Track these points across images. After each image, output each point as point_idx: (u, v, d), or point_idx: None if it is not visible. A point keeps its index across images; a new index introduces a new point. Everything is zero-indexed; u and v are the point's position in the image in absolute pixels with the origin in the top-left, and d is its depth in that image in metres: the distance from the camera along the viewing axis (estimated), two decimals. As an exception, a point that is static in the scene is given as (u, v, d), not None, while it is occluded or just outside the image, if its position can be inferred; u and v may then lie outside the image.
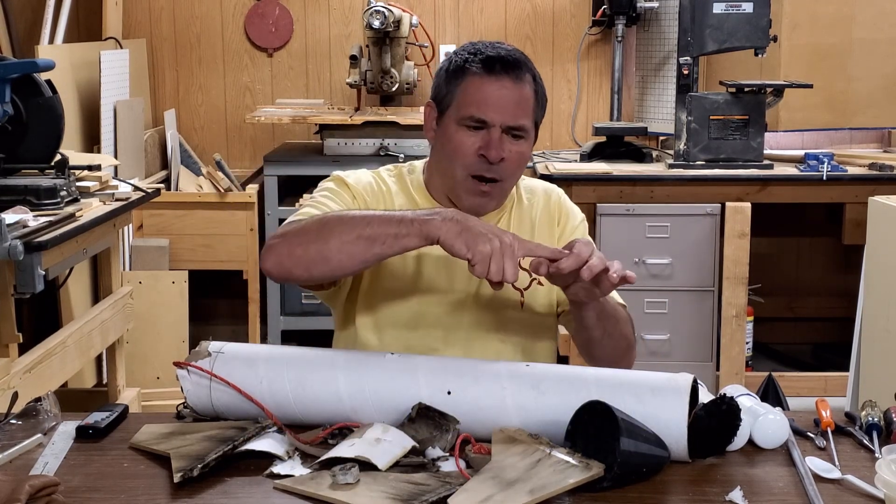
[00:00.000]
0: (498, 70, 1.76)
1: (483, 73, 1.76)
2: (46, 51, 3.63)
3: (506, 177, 1.78)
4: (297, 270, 1.61)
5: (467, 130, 1.75)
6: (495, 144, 1.74)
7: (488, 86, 1.75)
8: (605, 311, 1.73)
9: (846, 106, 4.19)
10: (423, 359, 1.52)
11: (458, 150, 1.76)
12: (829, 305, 4.53)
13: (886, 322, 2.86)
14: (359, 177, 1.86)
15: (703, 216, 3.79)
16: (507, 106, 1.75)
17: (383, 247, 1.58)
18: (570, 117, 4.57)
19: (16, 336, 2.50)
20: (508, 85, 1.76)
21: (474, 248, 1.52)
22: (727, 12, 3.77)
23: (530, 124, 1.79)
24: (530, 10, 4.53)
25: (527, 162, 1.83)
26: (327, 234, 1.60)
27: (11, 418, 1.53)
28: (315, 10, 4.54)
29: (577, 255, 1.55)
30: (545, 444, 1.36)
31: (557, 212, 1.92)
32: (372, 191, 1.84)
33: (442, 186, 1.83)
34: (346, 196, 1.82)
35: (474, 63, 1.77)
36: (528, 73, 1.79)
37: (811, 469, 1.37)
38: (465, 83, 1.77)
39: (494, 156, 1.74)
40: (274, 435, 1.44)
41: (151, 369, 3.90)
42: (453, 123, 1.77)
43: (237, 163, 4.57)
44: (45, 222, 2.51)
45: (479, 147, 1.75)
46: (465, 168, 1.76)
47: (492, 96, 1.75)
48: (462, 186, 1.78)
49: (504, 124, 1.75)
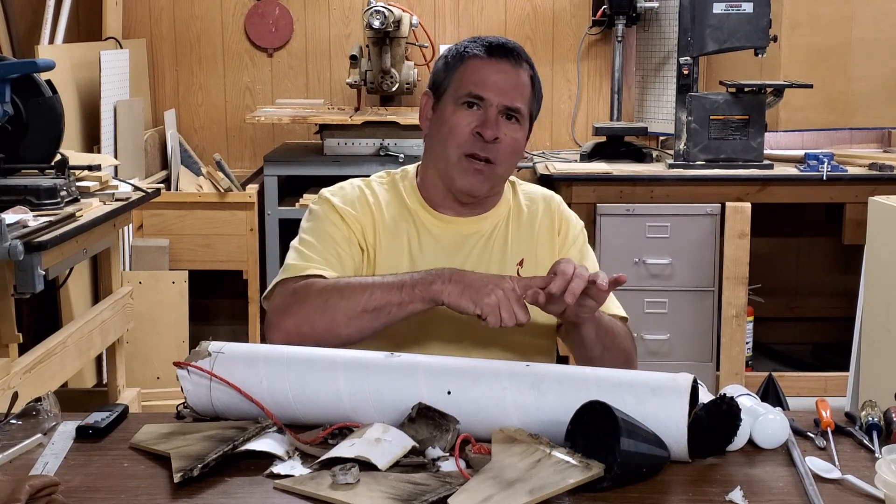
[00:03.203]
0: (498, 54, 1.82)
1: (484, 56, 1.82)
2: (46, 51, 3.63)
3: (500, 160, 1.80)
4: (308, 343, 1.62)
5: (464, 110, 1.79)
6: (491, 123, 1.78)
7: (488, 66, 1.81)
8: (602, 327, 1.75)
9: (846, 106, 4.19)
10: (423, 359, 1.52)
11: (454, 129, 1.79)
12: (829, 305, 4.53)
13: (886, 322, 2.86)
14: (346, 194, 1.88)
15: (703, 216, 3.79)
16: (505, 87, 1.80)
17: (389, 316, 1.66)
18: (570, 117, 4.57)
19: (16, 336, 2.50)
20: (507, 68, 1.81)
21: (481, 303, 1.60)
22: (727, 12, 3.77)
23: (526, 110, 1.83)
24: (530, 10, 4.53)
25: (521, 152, 1.86)
26: (332, 310, 1.65)
27: (11, 418, 1.53)
28: (315, 10, 4.54)
29: (563, 274, 1.59)
30: (545, 444, 1.36)
31: (558, 221, 1.93)
32: (360, 205, 1.85)
33: (435, 178, 1.85)
34: (336, 222, 1.82)
35: (475, 48, 1.83)
36: (525, 62, 1.85)
37: (811, 469, 1.37)
38: (464, 66, 1.82)
39: (490, 134, 1.77)
40: (274, 435, 1.44)
41: (151, 369, 3.90)
42: (451, 104, 1.81)
43: (237, 163, 4.57)
44: (45, 222, 2.51)
45: (475, 126, 1.78)
46: (459, 147, 1.79)
47: (491, 77, 1.80)
48: (456, 167, 1.80)
49: (501, 104, 1.79)
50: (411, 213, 1.86)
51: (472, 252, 1.84)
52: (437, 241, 1.85)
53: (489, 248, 1.86)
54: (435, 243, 1.85)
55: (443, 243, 1.85)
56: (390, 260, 1.82)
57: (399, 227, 1.85)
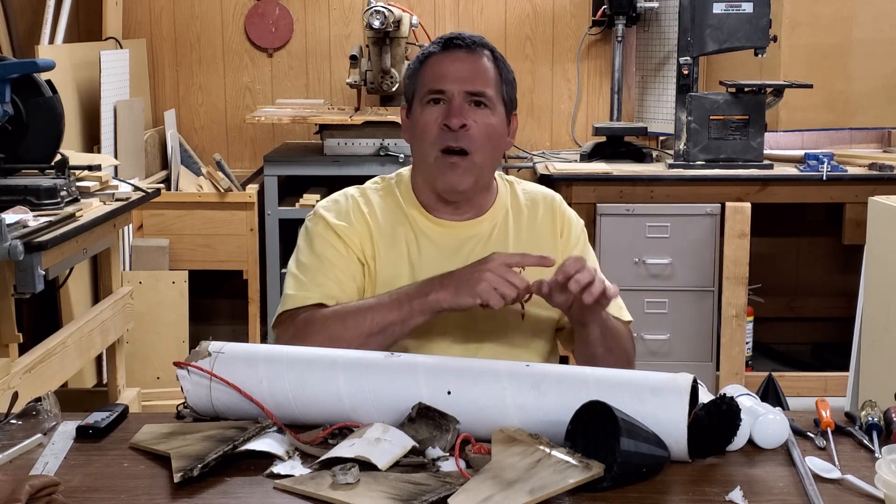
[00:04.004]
0: (452, 46, 1.83)
1: (439, 52, 1.83)
2: (46, 51, 3.63)
3: (474, 149, 1.78)
4: None
5: (430, 107, 1.80)
6: (455, 112, 1.77)
7: (444, 60, 1.82)
8: (607, 327, 1.76)
9: (846, 106, 4.19)
10: (423, 359, 1.52)
11: (424, 128, 1.80)
12: (829, 305, 4.53)
13: (886, 322, 2.86)
14: (340, 208, 1.87)
15: (703, 216, 3.79)
16: (463, 74, 1.80)
17: (394, 335, 1.70)
18: (570, 117, 4.57)
19: (16, 336, 2.50)
20: (462, 56, 1.82)
21: (475, 291, 1.63)
22: (727, 12, 3.77)
23: (494, 94, 1.81)
24: (530, 10, 4.53)
25: (500, 139, 1.83)
26: (338, 341, 1.66)
27: (11, 418, 1.53)
28: (315, 10, 4.54)
29: (564, 271, 1.62)
30: (545, 444, 1.36)
31: (560, 222, 1.92)
32: (356, 217, 1.84)
33: (423, 183, 1.86)
34: (332, 242, 1.82)
35: (432, 47, 1.85)
36: (484, 49, 1.84)
37: (811, 469, 1.37)
38: (423, 66, 1.84)
39: (455, 122, 1.76)
40: (274, 435, 1.44)
41: (151, 369, 3.90)
42: (419, 106, 1.82)
43: (237, 163, 4.57)
44: (45, 222, 2.51)
45: (441, 119, 1.78)
46: (432, 145, 1.79)
47: (448, 68, 1.81)
48: (434, 168, 1.80)
49: (461, 91, 1.79)
50: (408, 218, 1.86)
51: (472, 255, 1.83)
52: (436, 246, 1.84)
53: (489, 250, 1.85)
54: (434, 248, 1.84)
55: (441, 248, 1.84)
56: (390, 269, 1.82)
57: (397, 233, 1.85)
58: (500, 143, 1.84)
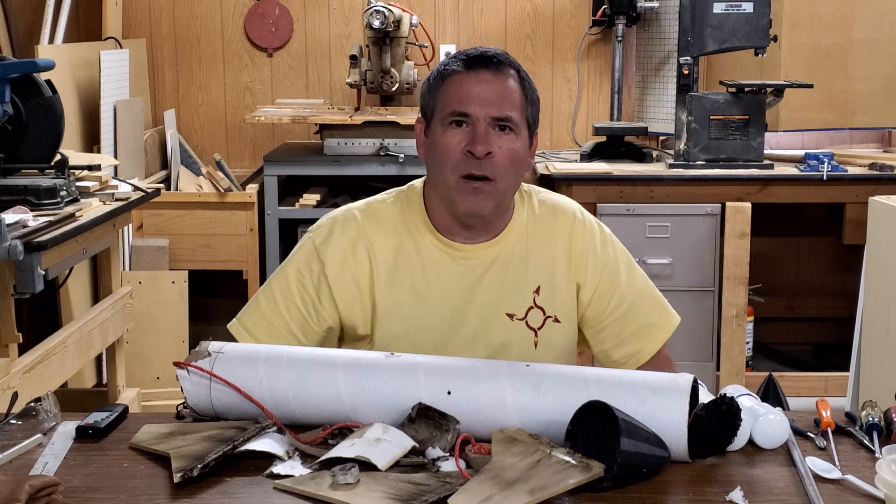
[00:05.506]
0: (478, 65, 1.73)
1: (463, 71, 1.73)
2: (46, 51, 3.63)
3: (497, 175, 1.70)
4: None
5: (452, 129, 1.71)
6: (480, 138, 1.69)
7: (468, 80, 1.72)
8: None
9: (846, 106, 4.19)
10: (423, 359, 1.52)
11: (445, 152, 1.71)
12: (829, 305, 4.53)
13: (886, 322, 2.86)
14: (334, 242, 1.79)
15: (704, 216, 3.79)
16: (490, 97, 1.70)
17: None
18: (570, 117, 4.57)
19: (16, 336, 2.50)
20: (488, 77, 1.72)
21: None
22: (727, 12, 3.77)
23: (518, 117, 1.72)
24: (530, 10, 4.52)
25: (523, 163, 1.75)
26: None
27: (11, 418, 1.53)
28: (315, 10, 4.54)
29: None
30: (545, 444, 1.36)
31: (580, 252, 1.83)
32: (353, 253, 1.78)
33: (439, 203, 1.78)
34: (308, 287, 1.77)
35: (454, 64, 1.75)
36: (510, 68, 1.75)
37: (811, 469, 1.37)
38: (445, 84, 1.74)
39: (480, 150, 1.68)
40: (274, 435, 1.44)
41: (151, 369, 3.90)
42: (439, 127, 1.73)
43: (237, 163, 4.57)
44: (45, 222, 2.51)
45: (465, 144, 1.70)
46: (454, 170, 1.71)
47: (473, 90, 1.71)
48: (455, 190, 1.72)
49: (488, 116, 1.70)
50: (416, 242, 1.78)
51: (483, 279, 1.77)
52: (446, 272, 1.78)
53: (501, 274, 1.78)
54: (443, 274, 1.78)
55: (451, 273, 1.78)
56: (391, 297, 1.77)
57: (399, 261, 1.78)
58: (522, 167, 1.76)
